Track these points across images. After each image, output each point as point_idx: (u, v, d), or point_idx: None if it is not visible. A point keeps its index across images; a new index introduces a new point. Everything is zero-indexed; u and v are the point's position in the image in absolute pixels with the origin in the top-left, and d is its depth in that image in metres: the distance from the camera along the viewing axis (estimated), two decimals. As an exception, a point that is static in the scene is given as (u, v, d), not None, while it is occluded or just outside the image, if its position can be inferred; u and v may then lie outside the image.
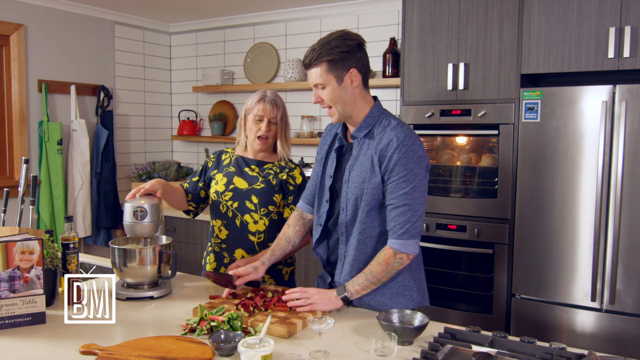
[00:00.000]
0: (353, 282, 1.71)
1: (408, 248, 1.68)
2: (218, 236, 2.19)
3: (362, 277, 1.71)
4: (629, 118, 2.47)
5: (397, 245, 1.67)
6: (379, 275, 1.70)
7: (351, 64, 1.68)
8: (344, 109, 1.73)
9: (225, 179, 2.17)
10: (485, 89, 2.87)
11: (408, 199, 1.66)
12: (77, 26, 4.05)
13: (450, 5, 2.94)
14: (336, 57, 1.67)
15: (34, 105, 3.79)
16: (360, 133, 1.74)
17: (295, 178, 2.17)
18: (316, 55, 1.68)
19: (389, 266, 1.69)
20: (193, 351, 1.40)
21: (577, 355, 1.35)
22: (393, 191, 1.67)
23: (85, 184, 3.97)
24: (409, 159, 1.65)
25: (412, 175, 1.65)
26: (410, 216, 1.66)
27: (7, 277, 1.59)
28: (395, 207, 1.67)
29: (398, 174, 1.65)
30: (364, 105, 1.75)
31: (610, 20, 2.54)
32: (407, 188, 1.65)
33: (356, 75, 1.70)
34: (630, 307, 2.50)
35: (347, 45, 1.68)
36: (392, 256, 1.68)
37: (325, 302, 1.69)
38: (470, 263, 2.95)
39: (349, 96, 1.71)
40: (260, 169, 2.17)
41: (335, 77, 1.69)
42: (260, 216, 2.13)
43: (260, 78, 4.27)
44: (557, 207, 2.66)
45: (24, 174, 2.37)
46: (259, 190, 2.12)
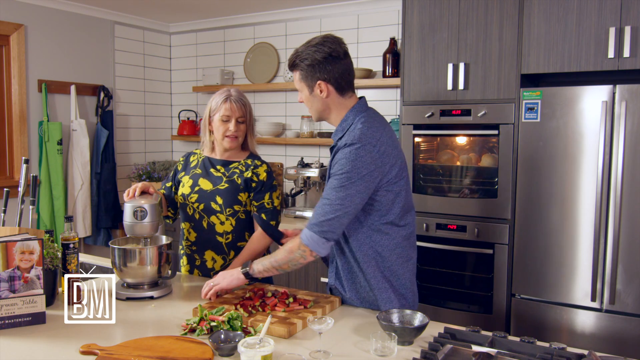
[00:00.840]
0: (260, 261, 1.78)
1: (313, 244, 1.64)
2: (188, 238, 2.20)
3: (268, 259, 1.76)
4: (629, 118, 2.47)
5: (304, 236, 1.65)
6: (280, 261, 1.72)
7: (319, 76, 1.71)
8: (317, 114, 1.80)
9: (190, 181, 2.17)
10: (485, 89, 2.87)
11: (333, 194, 1.63)
12: (77, 26, 4.05)
13: (450, 5, 2.94)
14: (304, 69, 1.72)
15: (34, 105, 3.79)
16: (336, 137, 1.76)
17: (259, 175, 2.15)
18: (290, 62, 1.76)
19: (292, 255, 1.69)
20: (193, 351, 1.40)
21: (577, 355, 1.35)
22: (326, 186, 1.69)
23: (85, 184, 3.97)
24: (349, 161, 1.61)
25: (345, 176, 1.61)
26: (327, 211, 1.62)
27: (7, 277, 1.59)
28: (321, 199, 1.66)
29: (335, 171, 1.65)
30: (340, 110, 1.76)
31: (610, 20, 2.54)
32: (337, 186, 1.63)
33: (324, 87, 1.72)
34: (630, 307, 2.50)
35: (314, 59, 1.69)
36: (297, 246, 1.67)
37: (227, 282, 1.79)
38: (470, 263, 2.95)
39: (320, 104, 1.76)
40: (226, 168, 2.16)
41: (307, 86, 1.75)
42: (226, 217, 2.12)
43: (260, 78, 4.28)
44: (557, 207, 2.66)
45: (24, 174, 2.37)
46: (223, 191, 2.11)
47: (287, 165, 4.17)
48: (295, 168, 3.78)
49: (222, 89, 2.17)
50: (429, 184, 3.07)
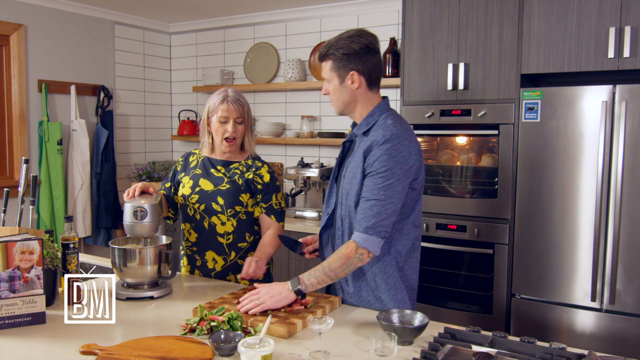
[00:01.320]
0: (310, 274, 1.69)
1: (371, 245, 1.64)
2: (189, 239, 2.19)
3: (320, 270, 1.68)
4: (629, 118, 2.47)
5: (360, 239, 1.64)
6: (336, 270, 1.67)
7: (353, 66, 1.72)
8: (343, 106, 1.79)
9: (191, 181, 2.16)
10: (485, 89, 2.87)
11: (381, 194, 1.63)
12: (77, 26, 4.05)
13: (450, 5, 2.94)
14: (338, 58, 1.73)
15: (34, 105, 3.79)
16: (360, 130, 1.77)
17: (262, 177, 2.14)
18: (324, 51, 1.76)
19: (349, 260, 1.65)
20: (193, 351, 1.40)
21: (577, 355, 1.35)
22: (369, 185, 1.66)
23: (85, 184, 3.97)
24: (390, 157, 1.64)
25: (390, 173, 1.63)
26: (379, 211, 1.63)
27: (7, 277, 1.59)
28: (367, 200, 1.65)
29: (377, 169, 1.65)
30: (366, 105, 1.78)
31: (610, 20, 2.54)
32: (383, 184, 1.63)
33: (357, 78, 1.73)
34: (630, 307, 2.50)
35: (351, 48, 1.71)
36: (353, 250, 1.65)
37: (276, 300, 1.64)
38: (470, 263, 2.95)
39: (348, 96, 1.76)
40: (227, 169, 2.15)
41: (338, 76, 1.75)
42: (228, 217, 2.11)
43: (260, 78, 4.27)
44: (557, 207, 2.66)
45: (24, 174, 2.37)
46: (224, 191, 2.10)
47: (287, 165, 4.17)
48: (295, 168, 3.78)
49: (220, 89, 2.16)
50: (429, 184, 3.06)
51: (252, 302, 1.65)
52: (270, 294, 1.66)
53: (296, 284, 1.67)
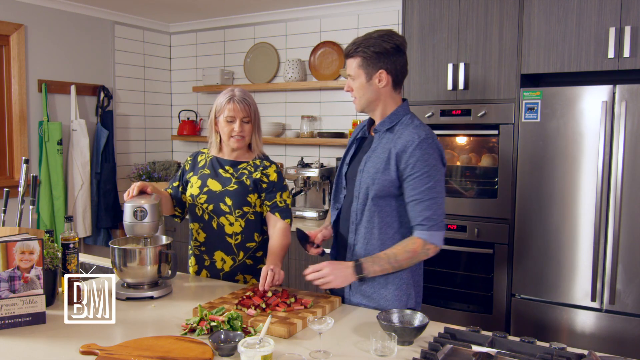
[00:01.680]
0: (373, 262, 1.74)
1: (436, 239, 1.73)
2: (197, 239, 2.18)
3: (385, 260, 1.73)
4: (629, 118, 2.47)
5: (426, 236, 1.72)
6: (402, 262, 1.74)
7: (382, 65, 1.76)
8: (366, 103, 1.82)
9: (199, 181, 2.15)
10: (485, 89, 2.87)
11: (432, 193, 1.72)
12: (77, 26, 4.05)
13: (450, 5, 2.94)
14: (368, 56, 1.75)
15: (34, 105, 3.79)
16: (383, 127, 1.81)
17: (269, 175, 2.13)
18: (353, 48, 1.77)
19: (415, 254, 1.74)
20: (193, 351, 1.40)
21: (577, 355, 1.35)
22: (416, 187, 1.72)
23: (85, 184, 3.97)
24: (430, 156, 1.72)
25: (433, 171, 1.72)
26: (436, 209, 1.73)
27: (7, 277, 1.59)
28: (421, 202, 1.72)
29: (420, 170, 1.71)
30: (390, 103, 1.83)
31: (610, 20, 2.54)
32: (430, 183, 1.72)
33: (385, 77, 1.77)
34: (630, 307, 2.50)
35: (382, 47, 1.74)
36: (420, 246, 1.73)
37: (340, 281, 1.72)
38: (470, 263, 2.95)
39: (374, 93, 1.80)
40: (235, 169, 2.14)
41: (365, 74, 1.77)
42: (236, 218, 2.10)
43: (260, 78, 4.27)
44: (557, 207, 2.66)
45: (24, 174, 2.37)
46: (232, 192, 2.09)
47: (287, 165, 4.17)
48: (295, 168, 3.78)
49: (226, 88, 2.15)
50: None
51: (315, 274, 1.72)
52: (336, 275, 1.72)
53: (360, 270, 1.72)
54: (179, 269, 2.00)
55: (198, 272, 2.20)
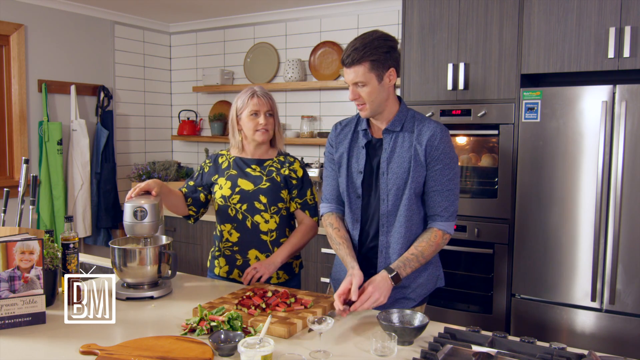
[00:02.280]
0: (405, 265, 1.77)
1: (451, 229, 1.84)
2: (229, 240, 2.18)
3: (414, 260, 1.79)
4: (629, 118, 2.47)
5: (444, 227, 1.82)
6: (428, 256, 1.82)
7: (391, 63, 1.77)
8: (378, 106, 1.81)
9: (229, 182, 2.16)
10: (485, 89, 2.87)
11: (452, 184, 1.80)
12: (77, 26, 4.05)
13: (450, 5, 2.94)
14: (379, 57, 1.74)
15: (34, 105, 3.79)
16: (396, 127, 1.83)
17: (296, 171, 2.20)
18: (359, 55, 1.72)
19: (438, 246, 1.83)
20: (193, 351, 1.40)
21: (577, 355, 1.35)
22: (437, 178, 1.79)
23: (85, 184, 3.97)
24: (450, 149, 1.81)
25: (453, 164, 1.81)
26: (453, 200, 1.82)
27: (7, 277, 1.59)
28: (440, 192, 1.80)
29: (443, 161, 1.78)
30: (394, 102, 1.85)
31: (610, 20, 2.54)
32: (450, 174, 1.80)
33: (394, 74, 1.79)
34: (630, 307, 2.50)
35: (388, 46, 1.76)
36: (441, 237, 1.82)
37: (386, 295, 1.71)
38: (470, 263, 2.95)
39: (385, 94, 1.80)
40: (262, 167, 2.17)
41: (377, 76, 1.76)
42: (271, 215, 2.14)
43: (260, 78, 4.27)
44: (557, 207, 2.66)
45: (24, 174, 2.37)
46: (266, 190, 2.13)
47: (287, 165, 4.16)
48: (295, 168, 3.77)
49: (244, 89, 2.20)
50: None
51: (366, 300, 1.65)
52: (380, 291, 1.69)
53: (398, 278, 1.75)
54: (179, 268, 2.00)
55: (229, 272, 2.20)
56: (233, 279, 2.19)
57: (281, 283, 2.19)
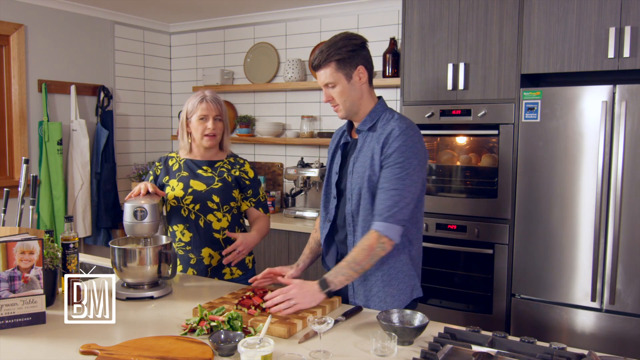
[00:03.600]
0: (336, 272, 1.71)
1: (391, 233, 1.69)
2: (181, 240, 2.23)
3: (345, 266, 1.70)
4: (629, 118, 2.47)
5: (381, 228, 1.68)
6: (362, 262, 1.70)
7: (358, 61, 1.77)
8: (352, 105, 1.81)
9: (180, 183, 2.21)
10: (485, 89, 2.87)
11: (400, 184, 1.69)
12: (77, 26, 4.05)
13: (450, 5, 2.94)
14: (344, 56, 1.75)
15: (34, 105, 3.79)
16: (365, 126, 1.82)
17: (247, 173, 2.28)
18: (325, 56, 1.76)
19: (373, 251, 1.69)
20: (193, 351, 1.40)
21: (577, 355, 1.35)
22: (387, 176, 1.71)
23: (85, 184, 3.97)
24: (407, 148, 1.71)
25: (407, 163, 1.70)
26: (398, 200, 1.69)
27: (7, 277, 1.59)
28: (386, 191, 1.70)
29: (395, 160, 1.70)
30: (370, 101, 1.84)
31: (610, 20, 2.54)
32: (401, 174, 1.70)
33: (363, 72, 1.79)
34: (630, 307, 2.50)
35: (353, 45, 1.76)
36: (375, 240, 1.69)
37: (308, 301, 1.66)
38: (470, 263, 2.94)
39: (357, 92, 1.80)
40: (213, 168, 2.24)
41: (345, 75, 1.77)
42: (223, 213, 2.21)
43: (260, 78, 4.27)
44: (557, 207, 2.66)
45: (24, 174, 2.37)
46: (218, 189, 2.19)
47: (287, 165, 4.17)
48: (295, 168, 3.78)
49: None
50: (429, 184, 3.07)
51: (286, 303, 1.64)
52: (303, 294, 1.66)
53: (325, 285, 1.68)
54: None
55: (184, 271, 2.25)
56: None
57: (235, 279, 2.24)
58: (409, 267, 1.83)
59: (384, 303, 1.82)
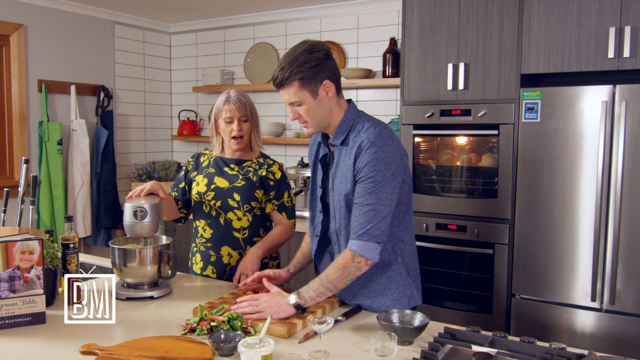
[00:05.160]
0: (308, 287, 1.65)
1: (367, 252, 1.60)
2: (203, 236, 2.23)
3: (318, 282, 1.65)
4: (629, 118, 2.47)
5: (355, 247, 1.61)
6: (335, 281, 1.63)
7: (323, 75, 1.65)
8: (321, 121, 1.71)
9: (205, 179, 2.21)
10: (485, 89, 2.87)
11: (373, 198, 1.60)
12: (77, 26, 4.05)
13: (450, 5, 2.94)
14: (307, 74, 1.63)
15: (34, 105, 3.79)
16: (337, 140, 1.72)
17: (274, 174, 2.23)
18: (287, 74, 1.63)
19: (346, 270, 1.62)
20: (193, 351, 1.40)
21: (577, 355, 1.35)
22: (360, 191, 1.63)
23: (85, 184, 3.97)
24: (378, 160, 1.61)
25: (379, 176, 1.61)
26: (372, 216, 1.60)
27: (7, 277, 1.59)
28: (360, 206, 1.62)
29: (367, 174, 1.61)
30: (339, 112, 1.72)
31: (610, 20, 2.54)
32: (373, 188, 1.60)
33: (330, 86, 1.67)
34: (630, 307, 2.50)
35: (316, 59, 1.64)
36: (349, 259, 1.61)
37: (275, 310, 1.60)
38: (470, 263, 2.95)
39: (325, 108, 1.69)
40: (240, 167, 2.22)
41: (310, 93, 1.65)
42: (244, 212, 2.17)
43: (260, 78, 4.27)
44: (557, 207, 2.66)
45: (24, 174, 2.37)
46: (240, 188, 2.17)
47: (287, 165, 4.17)
48: (295, 168, 3.78)
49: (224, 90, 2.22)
50: (428, 184, 3.07)
51: (251, 307, 1.63)
52: (270, 304, 1.62)
53: (295, 298, 1.63)
54: (178, 269, 2.00)
55: (204, 269, 2.22)
56: (207, 275, 2.21)
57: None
58: (402, 276, 1.75)
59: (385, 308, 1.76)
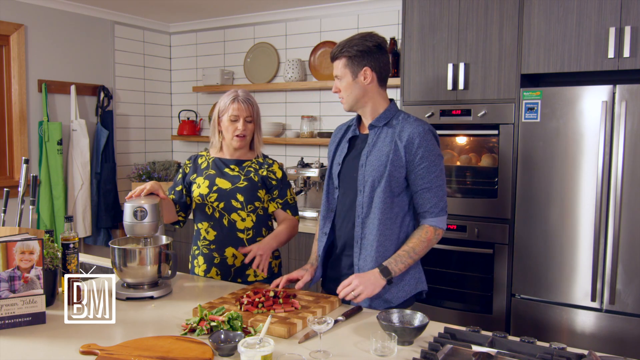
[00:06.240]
0: (396, 261, 1.80)
1: (442, 224, 1.86)
2: (206, 238, 2.21)
3: (405, 255, 1.82)
4: (629, 118, 2.47)
5: (436, 222, 1.85)
6: (420, 252, 1.84)
7: (366, 62, 1.84)
8: (354, 101, 1.89)
9: (207, 181, 2.20)
10: (485, 89, 2.87)
11: (439, 180, 1.85)
12: (77, 26, 4.05)
13: (450, 5, 2.94)
14: (354, 55, 1.84)
15: (34, 105, 3.79)
16: (380, 122, 1.89)
17: (275, 173, 2.24)
18: (338, 50, 1.86)
19: (430, 242, 1.85)
20: (193, 351, 1.40)
21: (577, 355, 1.35)
22: (424, 175, 1.83)
23: (85, 184, 3.97)
24: (435, 147, 1.85)
25: (438, 160, 1.86)
26: (442, 195, 1.86)
27: (7, 277, 1.59)
28: (429, 190, 1.84)
29: (427, 159, 1.82)
30: (379, 101, 1.90)
31: (610, 20, 2.54)
32: (437, 172, 1.84)
33: (370, 74, 1.85)
34: (630, 307, 2.50)
35: (365, 46, 1.83)
36: (432, 233, 1.85)
37: (371, 288, 1.76)
38: (470, 263, 2.94)
39: (360, 90, 1.87)
40: (240, 167, 2.21)
41: (351, 72, 1.85)
42: (247, 213, 2.17)
43: (260, 78, 4.27)
44: (557, 207, 2.66)
45: (24, 174, 2.37)
46: (243, 188, 2.17)
47: (287, 165, 4.17)
48: (295, 168, 3.78)
49: (230, 90, 2.22)
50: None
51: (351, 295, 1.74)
52: (365, 284, 1.75)
53: (387, 272, 1.78)
54: (179, 269, 2.00)
55: (207, 271, 2.21)
56: (211, 277, 2.21)
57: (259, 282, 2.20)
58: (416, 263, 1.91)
59: (389, 293, 1.85)
